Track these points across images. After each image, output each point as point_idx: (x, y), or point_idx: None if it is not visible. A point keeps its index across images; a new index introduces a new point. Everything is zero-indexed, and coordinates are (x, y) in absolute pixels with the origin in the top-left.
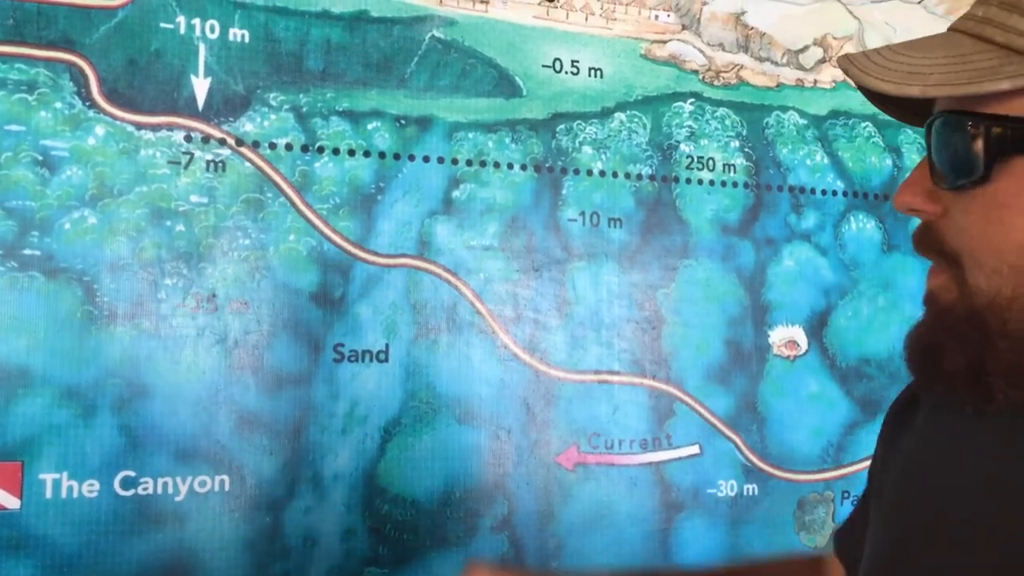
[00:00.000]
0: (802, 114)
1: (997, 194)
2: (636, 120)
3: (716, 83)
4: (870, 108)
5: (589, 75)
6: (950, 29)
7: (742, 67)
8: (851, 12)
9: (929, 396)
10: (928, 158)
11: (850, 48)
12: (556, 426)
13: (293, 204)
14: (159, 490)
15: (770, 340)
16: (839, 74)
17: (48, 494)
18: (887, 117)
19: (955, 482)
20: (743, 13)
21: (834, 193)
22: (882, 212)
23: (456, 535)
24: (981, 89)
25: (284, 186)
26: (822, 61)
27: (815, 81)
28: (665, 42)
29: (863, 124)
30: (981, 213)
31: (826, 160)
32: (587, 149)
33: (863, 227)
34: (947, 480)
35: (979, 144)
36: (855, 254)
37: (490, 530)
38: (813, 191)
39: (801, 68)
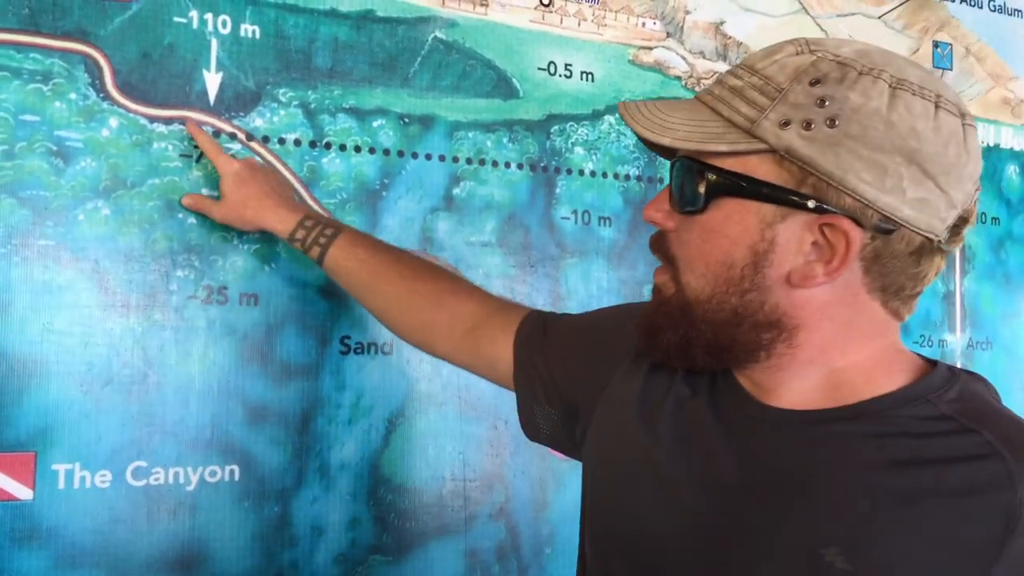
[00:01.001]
0: None
1: (710, 222)
2: (624, 123)
3: (697, 89)
4: None
5: (581, 79)
6: (696, 99)
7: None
8: (819, 25)
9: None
10: (669, 187)
11: None
12: None
13: (301, 198)
14: (170, 480)
15: None
16: None
17: (61, 485)
18: None
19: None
20: (722, 23)
21: None
22: None
23: (456, 523)
24: (706, 147)
25: (293, 181)
26: None
27: None
28: (651, 48)
29: None
30: (698, 234)
31: None
32: (579, 150)
33: None
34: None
35: (702, 185)
36: None
37: (489, 518)
38: None
39: None
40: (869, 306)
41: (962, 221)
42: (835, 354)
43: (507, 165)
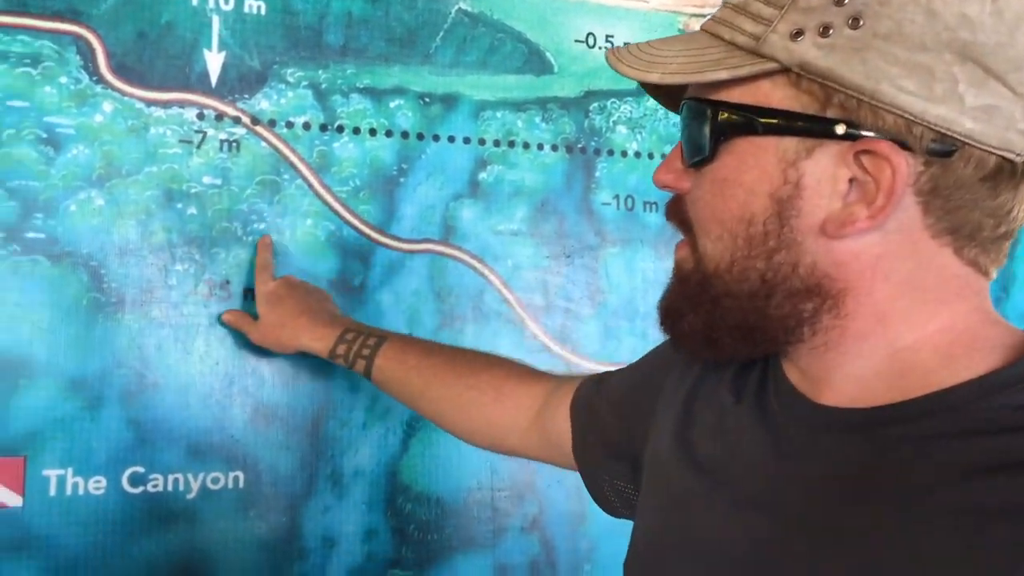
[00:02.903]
0: None
1: (720, 170)
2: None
3: None
4: None
5: None
6: (700, 29)
7: None
8: None
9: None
10: (680, 147)
11: None
12: None
13: (311, 186)
14: (170, 487)
15: None
16: None
17: (52, 491)
18: None
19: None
20: None
21: None
22: None
23: (484, 536)
24: (704, 78)
25: (301, 167)
26: None
27: None
28: (704, 15)
29: None
30: (709, 187)
31: None
32: (622, 129)
33: None
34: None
35: (708, 127)
36: None
37: (520, 531)
38: None
39: None
40: (938, 256)
41: None
42: (898, 325)
43: (540, 147)
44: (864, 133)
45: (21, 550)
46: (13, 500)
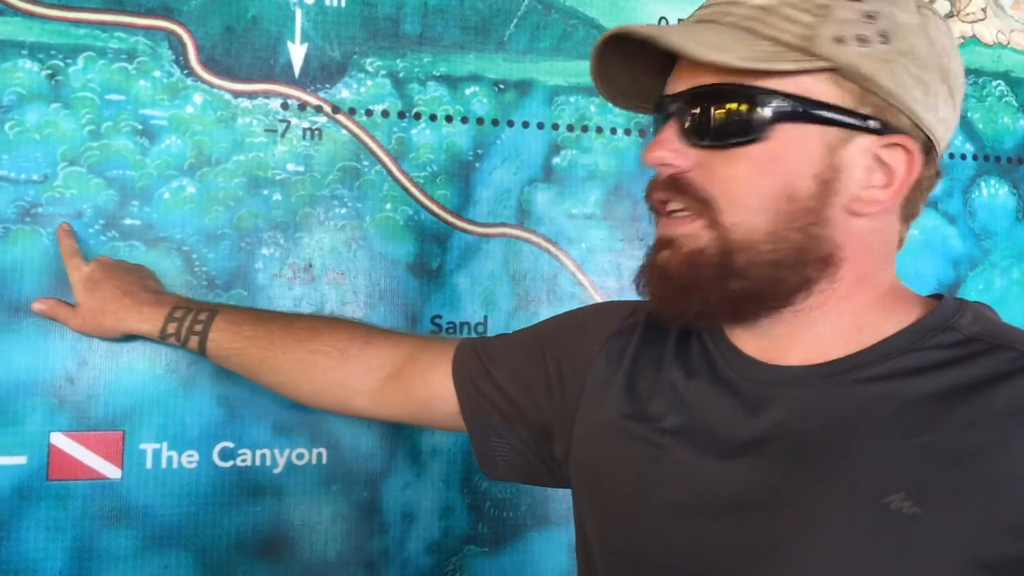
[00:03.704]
0: None
1: (765, 152)
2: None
3: None
4: (1002, 65)
5: None
6: (707, 21)
7: None
8: None
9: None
10: (677, 124)
11: (979, 2)
12: None
13: (389, 172)
14: (257, 462)
15: None
16: (967, 30)
17: (148, 464)
18: (1022, 75)
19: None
20: None
21: (963, 157)
22: (1016, 177)
23: (558, 514)
24: (773, 67)
25: (380, 154)
26: (949, 15)
27: None
28: None
29: (994, 83)
30: (749, 166)
31: None
32: None
33: (995, 193)
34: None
35: (757, 111)
36: (986, 222)
37: None
38: None
39: None
40: (895, 232)
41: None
42: (866, 288)
43: (613, 131)
44: (890, 129)
45: (120, 519)
46: (113, 472)
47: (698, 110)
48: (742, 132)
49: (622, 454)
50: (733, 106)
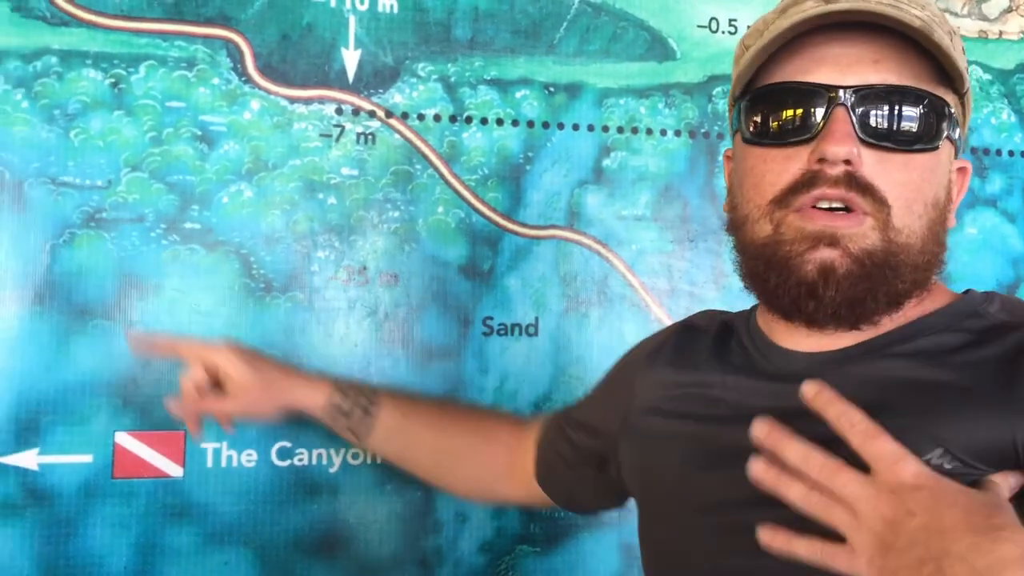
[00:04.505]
0: (986, 68)
1: (933, 159)
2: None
3: None
4: None
5: None
6: (899, 20)
7: None
8: None
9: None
10: (852, 117)
11: None
12: None
13: (441, 175)
14: (314, 461)
15: None
16: None
17: (209, 463)
18: None
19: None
20: None
21: (1022, 155)
22: None
23: (609, 516)
24: (965, 84)
25: (432, 157)
26: (1008, 11)
27: (1000, 32)
28: None
29: None
30: (920, 172)
31: (1013, 118)
32: None
33: None
34: None
35: (942, 122)
36: None
37: None
38: (999, 152)
39: (984, 19)
40: None
41: None
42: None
43: (663, 133)
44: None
45: (182, 516)
46: (175, 471)
47: (886, 109)
48: (928, 139)
49: (666, 453)
50: (925, 112)
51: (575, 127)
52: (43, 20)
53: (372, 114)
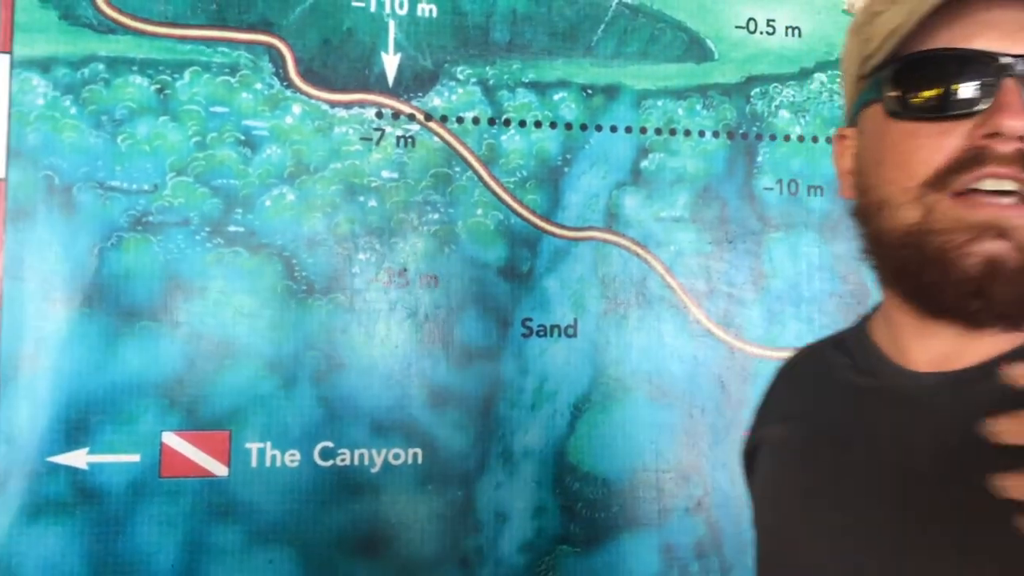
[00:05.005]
0: None
1: None
2: (838, 80)
3: None
4: None
5: (786, 34)
6: None
7: None
8: None
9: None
10: None
11: None
12: (753, 405)
13: (480, 178)
14: (356, 461)
15: None
16: None
17: (253, 463)
18: None
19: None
20: None
21: None
22: None
23: (650, 516)
24: None
25: (471, 160)
26: None
27: None
28: None
29: None
30: None
31: None
32: (784, 113)
33: None
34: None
35: None
36: None
37: (685, 512)
38: None
39: None
40: None
41: None
42: None
43: (701, 134)
44: None
45: (228, 515)
46: (220, 470)
47: None
48: None
49: (791, 473)
50: None
51: (613, 129)
52: (90, 28)
53: (412, 117)
